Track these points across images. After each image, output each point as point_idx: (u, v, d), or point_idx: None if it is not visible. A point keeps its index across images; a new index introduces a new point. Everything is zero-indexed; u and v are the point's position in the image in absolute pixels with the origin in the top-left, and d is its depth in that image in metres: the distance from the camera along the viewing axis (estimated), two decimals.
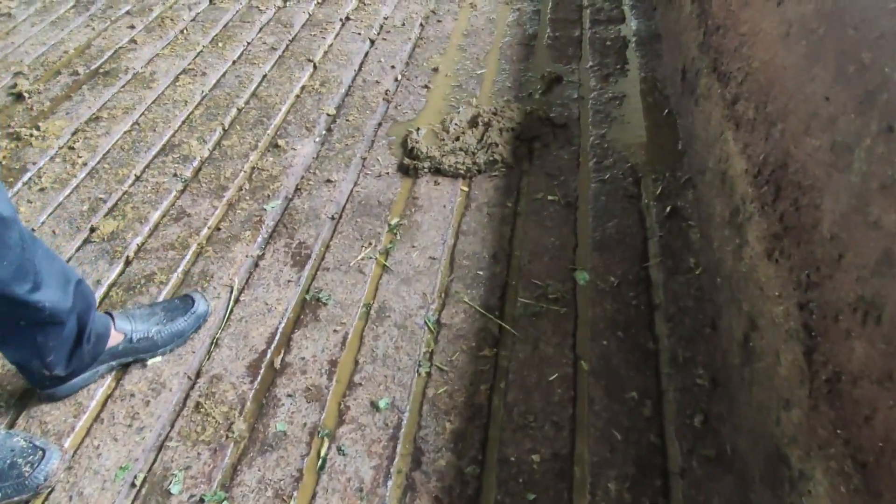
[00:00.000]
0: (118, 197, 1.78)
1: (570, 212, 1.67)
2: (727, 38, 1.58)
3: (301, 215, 1.69)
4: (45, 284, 1.07)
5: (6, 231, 0.99)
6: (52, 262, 1.12)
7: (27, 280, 1.03)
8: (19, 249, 1.01)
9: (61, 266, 1.15)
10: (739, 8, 1.52)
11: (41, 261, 1.07)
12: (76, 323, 1.18)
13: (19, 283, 1.02)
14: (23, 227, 1.05)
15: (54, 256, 1.14)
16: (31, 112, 2.11)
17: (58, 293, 1.11)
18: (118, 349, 1.31)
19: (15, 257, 1.01)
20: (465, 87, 2.16)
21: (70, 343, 1.19)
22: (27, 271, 1.04)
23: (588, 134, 1.93)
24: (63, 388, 1.28)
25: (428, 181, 1.78)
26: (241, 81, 2.24)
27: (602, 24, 2.49)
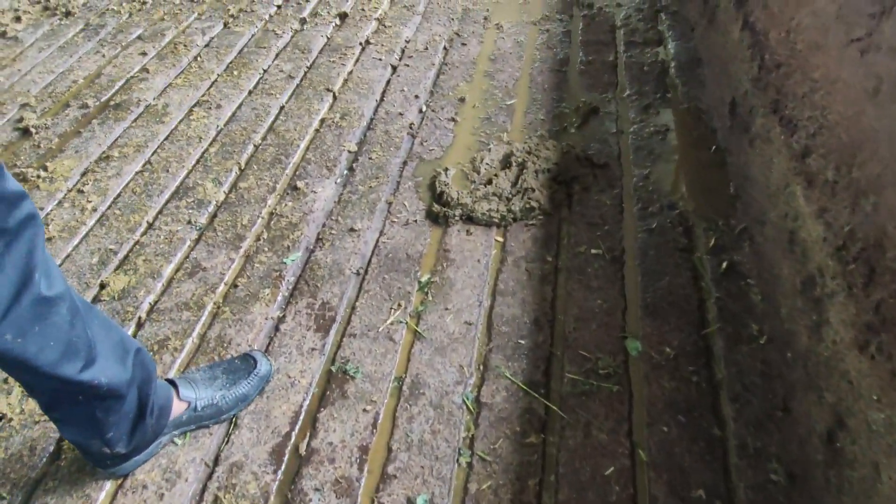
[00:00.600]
0: (129, 247, 1.67)
1: (616, 268, 1.53)
2: (792, 80, 1.44)
3: (324, 270, 1.57)
4: (101, 358, 1.00)
5: (51, 310, 0.91)
6: (109, 331, 1.04)
7: (78, 358, 0.96)
8: (67, 327, 0.93)
9: (119, 335, 1.06)
10: (809, 50, 1.38)
11: (96, 332, 1.00)
12: (136, 395, 1.09)
13: (69, 362, 0.95)
14: (75, 298, 0.97)
15: (111, 325, 1.06)
16: (39, 149, 2.01)
17: (115, 366, 1.03)
18: (182, 419, 1.22)
19: (62, 336, 0.93)
20: (494, 121, 2.03)
21: (131, 418, 1.10)
22: (77, 349, 0.96)
23: (630, 174, 1.79)
24: (125, 466, 1.19)
25: (459, 230, 1.65)
26: (258, 114, 2.12)
27: (637, 47, 2.35)
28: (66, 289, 0.95)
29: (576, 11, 2.62)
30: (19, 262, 0.85)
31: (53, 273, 0.93)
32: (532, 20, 2.57)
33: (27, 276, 0.87)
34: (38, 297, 0.89)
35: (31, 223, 0.87)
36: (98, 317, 1.04)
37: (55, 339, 0.92)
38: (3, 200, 0.82)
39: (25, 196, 0.87)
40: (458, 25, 2.58)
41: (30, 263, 0.87)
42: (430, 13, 2.67)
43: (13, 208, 0.84)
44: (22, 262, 0.85)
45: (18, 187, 0.86)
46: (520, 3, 2.72)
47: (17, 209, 0.85)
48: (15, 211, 0.84)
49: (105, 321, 1.06)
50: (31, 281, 0.88)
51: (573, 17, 2.58)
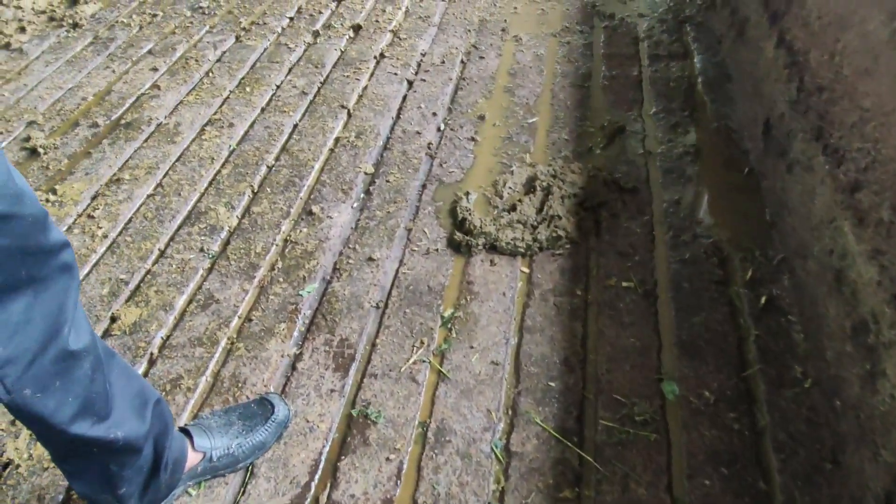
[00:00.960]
0: (141, 277, 1.61)
1: (649, 303, 1.46)
2: (838, 107, 1.36)
3: (342, 303, 1.51)
4: (118, 412, 0.95)
5: (75, 364, 0.86)
6: (129, 381, 0.99)
7: (95, 413, 0.91)
8: (88, 382, 0.89)
9: (139, 386, 1.01)
10: (857, 76, 1.30)
11: (115, 383, 0.95)
12: (152, 449, 1.04)
13: (86, 417, 0.90)
14: (99, 349, 0.92)
15: (131, 374, 1.01)
16: (47, 171, 1.95)
17: (132, 420, 0.98)
18: (197, 470, 1.16)
19: (82, 391, 0.88)
20: (516, 140, 1.95)
21: (145, 473, 1.05)
22: (96, 404, 0.91)
23: (660, 199, 1.72)
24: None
25: (483, 260, 1.58)
26: (271, 133, 2.05)
27: (662, 61, 2.27)
28: (91, 341, 0.90)
29: (597, 22, 2.54)
30: (49, 314, 0.80)
31: (82, 325, 0.88)
32: (551, 32, 2.49)
33: (56, 328, 0.82)
34: (65, 352, 0.84)
35: (66, 274, 0.83)
36: (118, 365, 0.99)
37: (74, 395, 0.88)
38: (42, 251, 0.79)
39: (67, 246, 0.83)
40: (476, 37, 2.51)
41: (60, 315, 0.82)
42: (446, 24, 2.60)
43: (50, 258, 0.80)
44: (52, 314, 0.81)
45: (61, 238, 0.82)
46: (538, 13, 2.64)
47: (55, 259, 0.81)
48: (52, 260, 0.80)
49: (125, 369, 1.01)
50: (60, 334, 0.83)
51: (594, 29, 2.50)
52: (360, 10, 2.73)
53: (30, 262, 0.78)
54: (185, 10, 2.78)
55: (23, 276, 0.77)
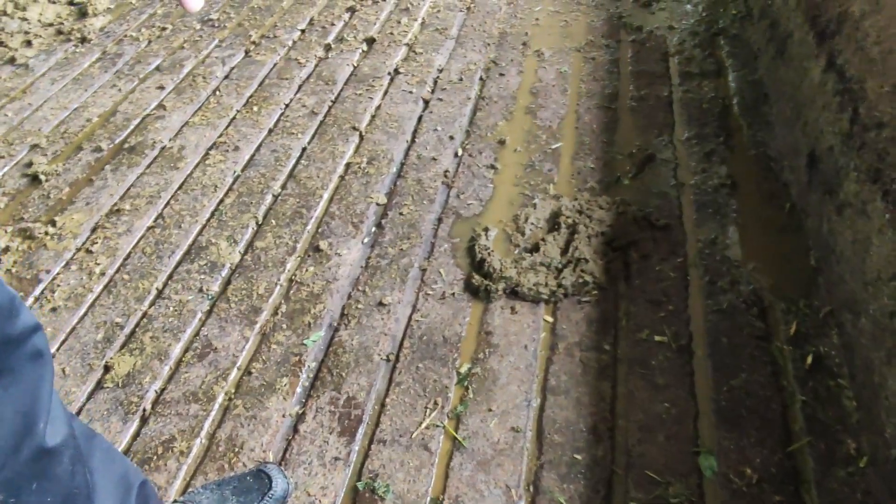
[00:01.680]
0: (136, 321, 1.52)
1: (684, 360, 1.33)
2: None
3: (349, 355, 1.40)
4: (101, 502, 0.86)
5: (53, 462, 0.78)
6: (112, 465, 0.90)
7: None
8: (67, 478, 0.80)
9: (122, 469, 0.92)
10: None
11: (97, 469, 0.86)
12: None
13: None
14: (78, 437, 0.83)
15: (114, 456, 0.92)
16: (48, 200, 1.87)
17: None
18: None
19: (60, 490, 0.79)
20: (538, 168, 1.83)
21: None
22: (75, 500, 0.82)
23: (695, 238, 1.58)
24: None
25: (503, 307, 1.46)
26: (278, 158, 1.95)
27: (695, 79, 2.12)
28: (69, 430, 0.81)
29: (623, 36, 2.40)
30: (21, 409, 0.71)
31: (59, 416, 0.79)
32: (575, 46, 2.36)
33: (30, 424, 0.74)
34: (41, 450, 0.75)
35: (38, 361, 0.74)
36: (100, 447, 0.90)
37: (53, 495, 0.79)
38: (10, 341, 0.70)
39: (38, 329, 0.74)
40: (495, 52, 2.38)
41: (34, 409, 0.73)
42: (465, 38, 2.48)
43: (20, 346, 0.71)
44: (25, 408, 0.72)
45: (31, 321, 0.73)
46: (561, 25, 2.51)
47: (25, 346, 0.72)
48: (21, 349, 0.71)
49: (107, 451, 0.91)
50: (34, 430, 0.74)
51: (620, 43, 2.36)
52: (375, 21, 2.61)
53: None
54: (194, 23, 2.69)
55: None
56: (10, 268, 1.67)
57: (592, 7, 2.60)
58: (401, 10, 2.68)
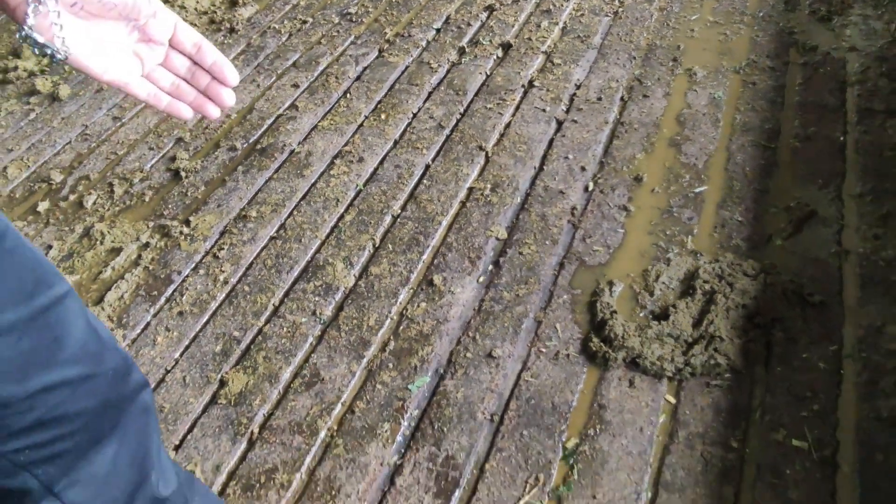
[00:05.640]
0: (252, 337, 1.56)
1: (825, 474, 1.16)
2: None
3: (453, 409, 1.35)
4: None
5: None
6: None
7: None
8: None
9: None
10: None
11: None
12: None
13: None
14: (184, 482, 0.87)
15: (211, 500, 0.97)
16: (186, 198, 1.96)
17: None
18: None
19: None
20: (678, 216, 1.66)
21: None
22: None
23: (856, 322, 1.37)
24: None
25: (621, 379, 1.35)
26: (401, 175, 1.92)
27: (877, 118, 1.83)
28: (178, 482, 0.85)
29: (793, 57, 2.12)
30: (135, 461, 0.76)
31: (168, 469, 0.84)
32: (734, 66, 2.11)
33: (143, 475, 0.78)
34: (154, 499, 0.80)
35: (146, 416, 0.78)
36: (199, 492, 0.93)
37: None
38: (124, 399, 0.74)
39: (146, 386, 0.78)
40: (641, 68, 2.19)
41: (146, 461, 0.78)
42: (608, 48, 2.30)
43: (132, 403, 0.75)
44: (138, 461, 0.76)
45: (141, 379, 0.77)
46: (719, 39, 2.25)
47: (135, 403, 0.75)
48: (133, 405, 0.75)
49: (205, 496, 0.95)
50: (147, 481, 0.78)
51: (788, 66, 2.08)
52: (513, 23, 2.49)
53: (112, 413, 0.72)
54: (333, 17, 2.70)
55: (106, 429, 0.72)
56: (147, 265, 1.77)
57: (759, 19, 2.32)
58: (542, 12, 2.53)
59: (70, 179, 2.12)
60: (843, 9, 2.26)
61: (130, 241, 1.84)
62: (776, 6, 2.37)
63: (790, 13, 2.32)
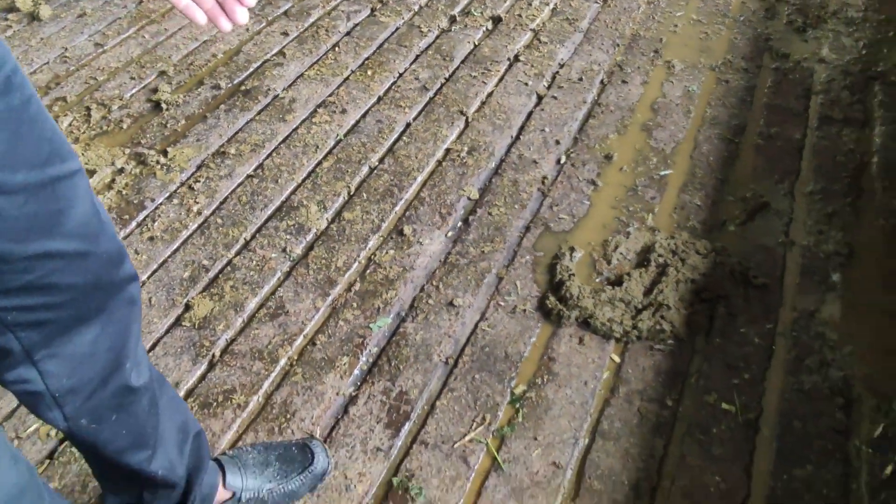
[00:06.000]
0: (221, 267, 1.59)
1: (747, 435, 1.26)
2: None
3: (410, 350, 1.41)
4: (163, 448, 0.95)
5: (134, 400, 0.87)
6: (175, 413, 0.98)
7: (144, 449, 0.92)
8: (143, 417, 0.90)
9: (183, 418, 1.00)
10: None
11: (163, 413, 0.94)
12: (185, 483, 1.03)
13: (135, 453, 0.91)
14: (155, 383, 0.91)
15: (178, 405, 1.00)
16: (165, 129, 1.97)
17: (174, 456, 0.97)
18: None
19: (135, 426, 0.89)
20: (641, 195, 1.75)
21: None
22: (146, 440, 0.92)
23: (792, 306, 1.48)
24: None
25: (571, 336, 1.43)
26: (381, 129, 1.96)
27: (835, 126, 1.94)
28: (150, 377, 0.89)
29: (766, 61, 2.22)
30: (113, 348, 0.80)
31: (143, 361, 0.88)
32: (711, 64, 2.20)
33: (119, 363, 0.82)
34: (125, 387, 0.84)
35: (131, 308, 0.81)
36: (167, 393, 0.97)
37: (128, 430, 0.88)
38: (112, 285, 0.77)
39: (135, 279, 0.81)
40: (623, 55, 2.26)
41: (123, 350, 0.82)
42: (594, 33, 2.37)
43: (119, 291, 0.78)
44: (116, 348, 0.80)
45: (131, 271, 0.80)
46: (700, 37, 2.34)
47: (123, 292, 0.79)
48: (120, 294, 0.79)
49: (173, 399, 0.99)
50: (122, 369, 0.83)
51: (761, 69, 2.19)
52: None
53: (100, 297, 0.76)
54: None
55: (92, 310, 0.76)
56: (121, 189, 1.78)
57: (739, 22, 2.41)
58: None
59: (45, 100, 2.09)
60: (818, 22, 2.37)
61: (105, 165, 1.84)
62: (757, 13, 2.47)
63: (769, 20, 2.42)
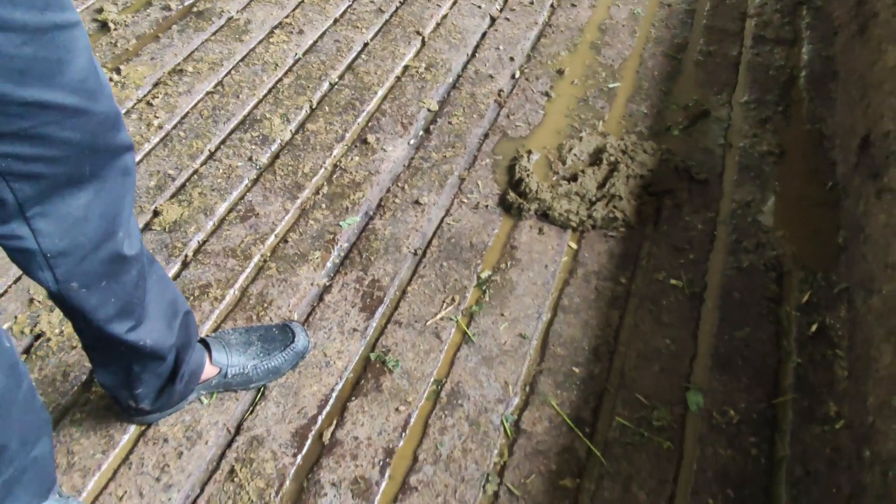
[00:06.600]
0: (187, 176, 1.60)
1: (693, 305, 1.39)
2: None
3: (380, 243, 1.48)
4: (150, 320, 0.98)
5: (123, 269, 0.89)
6: (164, 291, 1.01)
7: (130, 319, 0.95)
8: (131, 287, 0.92)
9: (172, 296, 1.03)
10: None
11: (152, 290, 0.97)
12: (174, 359, 1.07)
13: (121, 321, 0.93)
14: (145, 258, 0.94)
15: (167, 284, 1.03)
16: (115, 49, 1.93)
17: (162, 329, 1.01)
18: (211, 383, 1.19)
19: (123, 295, 0.91)
20: (592, 104, 1.84)
21: (163, 379, 1.08)
22: (133, 310, 0.94)
23: (730, 197, 1.61)
24: (148, 418, 1.18)
25: (532, 227, 1.52)
26: (339, 48, 1.98)
27: (767, 45, 2.08)
28: (141, 249, 0.92)
29: None
30: (106, 215, 0.82)
31: (135, 233, 0.90)
32: None
33: (112, 230, 0.84)
34: (117, 255, 0.86)
35: (126, 177, 0.83)
36: (157, 273, 1.00)
37: (117, 298, 0.90)
38: (108, 151, 0.78)
39: (130, 150, 0.83)
40: None
41: (117, 219, 0.84)
42: None
43: (114, 159, 0.80)
44: (109, 215, 0.82)
45: (127, 140, 0.81)
46: None
47: (118, 160, 0.81)
48: (115, 161, 0.80)
49: (162, 278, 1.02)
50: (115, 237, 0.85)
51: None
52: None
53: (95, 160, 0.77)
54: None
55: (86, 172, 0.77)
56: None
57: None
58: None
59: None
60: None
61: None
62: None
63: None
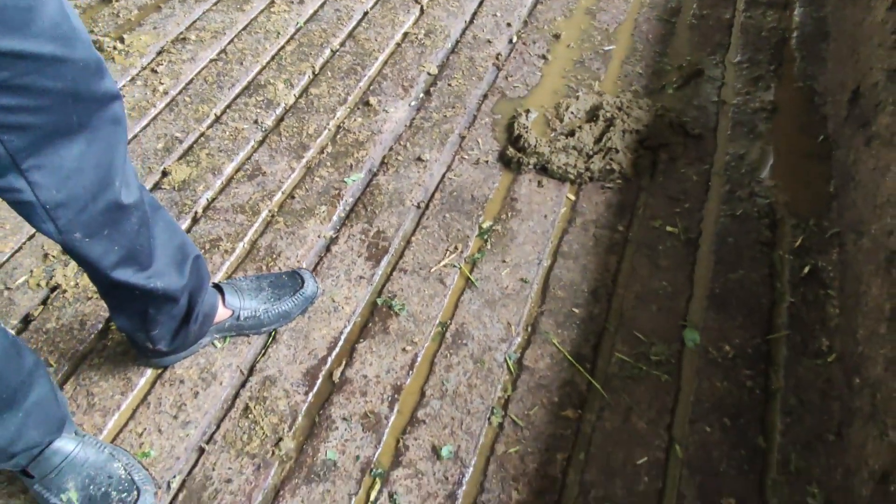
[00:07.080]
0: (195, 139, 1.64)
1: (689, 251, 1.44)
2: None
3: (384, 197, 1.52)
4: (159, 264, 1.01)
5: (123, 217, 0.91)
6: (172, 236, 1.04)
7: (137, 264, 0.97)
8: (133, 234, 0.94)
9: (180, 241, 1.07)
10: None
11: (159, 236, 1.00)
12: (187, 301, 1.10)
13: (129, 266, 0.96)
14: (146, 205, 0.96)
15: (175, 229, 1.06)
16: (117, 19, 1.96)
17: (172, 273, 1.04)
18: (224, 326, 1.24)
19: (126, 242, 0.94)
20: (588, 66, 1.88)
21: (178, 320, 1.12)
22: (138, 255, 0.97)
23: (724, 151, 1.65)
24: (165, 360, 1.22)
25: (531, 180, 1.56)
26: (340, 17, 2.02)
27: (760, 8, 2.12)
28: (140, 197, 0.94)
29: None
30: (101, 165, 0.83)
31: (132, 181, 0.92)
32: None
33: (108, 180, 0.85)
34: (115, 203, 0.88)
35: (116, 126, 0.84)
36: (164, 219, 1.03)
37: (120, 245, 0.93)
38: (94, 99, 0.79)
39: (118, 98, 0.84)
40: None
41: (111, 168, 0.85)
42: None
43: (101, 108, 0.81)
44: (104, 165, 0.84)
45: (113, 89, 0.82)
46: None
47: (106, 109, 0.81)
48: (103, 111, 0.81)
49: (169, 224, 1.05)
50: (111, 186, 0.86)
51: None
52: None
53: (80, 109, 0.78)
54: None
55: (74, 123, 0.78)
56: None
57: None
58: None
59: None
60: None
61: None
62: None
63: None
